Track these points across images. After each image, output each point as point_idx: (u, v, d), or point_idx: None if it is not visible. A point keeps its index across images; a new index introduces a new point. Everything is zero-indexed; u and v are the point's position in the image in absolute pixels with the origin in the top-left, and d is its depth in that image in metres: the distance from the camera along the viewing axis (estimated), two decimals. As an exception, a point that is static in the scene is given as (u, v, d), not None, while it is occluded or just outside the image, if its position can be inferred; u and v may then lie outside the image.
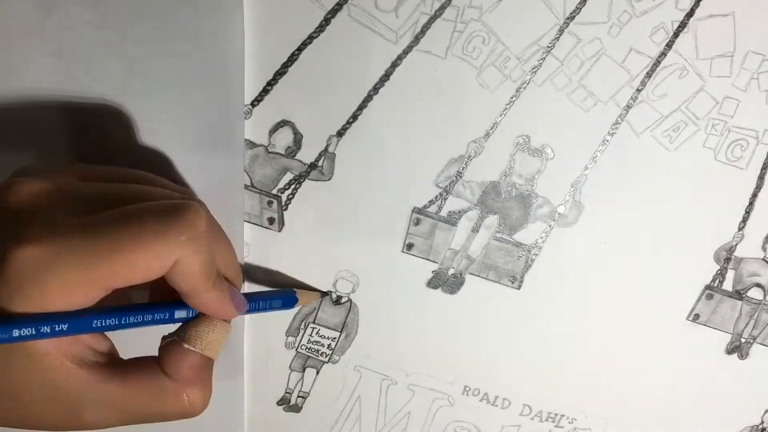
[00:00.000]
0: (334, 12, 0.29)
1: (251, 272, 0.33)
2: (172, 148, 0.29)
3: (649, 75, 0.30)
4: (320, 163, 0.31)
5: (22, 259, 0.20)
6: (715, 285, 0.32)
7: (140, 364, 0.24)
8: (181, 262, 0.22)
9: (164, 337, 0.25)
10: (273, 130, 0.31)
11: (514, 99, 0.30)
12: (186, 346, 0.24)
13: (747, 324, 0.33)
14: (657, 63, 0.30)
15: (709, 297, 0.32)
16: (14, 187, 0.22)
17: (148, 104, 0.29)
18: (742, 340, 0.33)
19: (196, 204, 0.23)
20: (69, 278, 0.21)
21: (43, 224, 0.21)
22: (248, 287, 0.33)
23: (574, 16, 0.29)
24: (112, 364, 0.23)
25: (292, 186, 0.32)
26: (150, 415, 0.24)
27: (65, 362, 0.22)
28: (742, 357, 0.33)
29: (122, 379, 0.23)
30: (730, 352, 0.33)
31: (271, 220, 0.32)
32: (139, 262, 0.21)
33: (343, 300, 0.34)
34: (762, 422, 0.35)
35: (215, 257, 0.23)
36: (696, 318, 0.33)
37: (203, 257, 0.22)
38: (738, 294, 0.33)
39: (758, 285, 0.33)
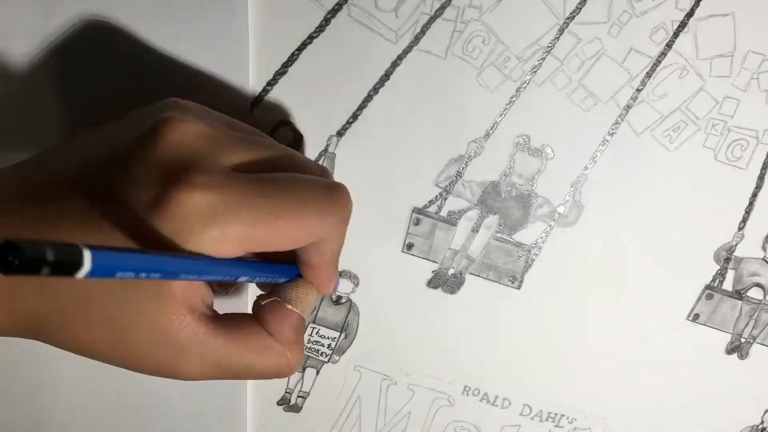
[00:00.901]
0: (334, 12, 0.29)
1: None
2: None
3: (649, 75, 0.30)
4: (320, 163, 0.31)
5: (192, 203, 0.20)
6: (715, 285, 0.32)
7: (242, 321, 0.24)
8: (326, 240, 0.23)
9: (261, 297, 0.25)
10: (273, 130, 0.31)
11: (514, 99, 0.30)
12: (289, 307, 0.25)
13: (747, 324, 0.33)
14: (657, 63, 0.30)
15: (709, 297, 0.32)
16: (177, 123, 0.22)
17: (147, 60, 0.29)
18: (742, 340, 0.33)
19: (345, 187, 0.24)
20: (229, 231, 0.21)
21: (213, 172, 0.21)
22: (252, 287, 0.33)
23: (574, 16, 0.29)
24: (217, 318, 0.23)
25: (292, 186, 0.32)
26: (250, 371, 0.24)
27: (183, 311, 0.22)
28: (742, 357, 0.33)
29: (228, 335, 0.23)
30: (730, 352, 0.33)
31: (271, 220, 0.32)
32: (294, 232, 0.22)
33: (343, 300, 0.34)
34: (762, 422, 0.35)
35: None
36: (696, 318, 0.33)
37: (341, 240, 0.24)
38: (738, 294, 0.33)
39: (758, 285, 0.33)
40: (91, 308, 0.21)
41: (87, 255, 0.15)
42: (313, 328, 0.34)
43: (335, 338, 0.34)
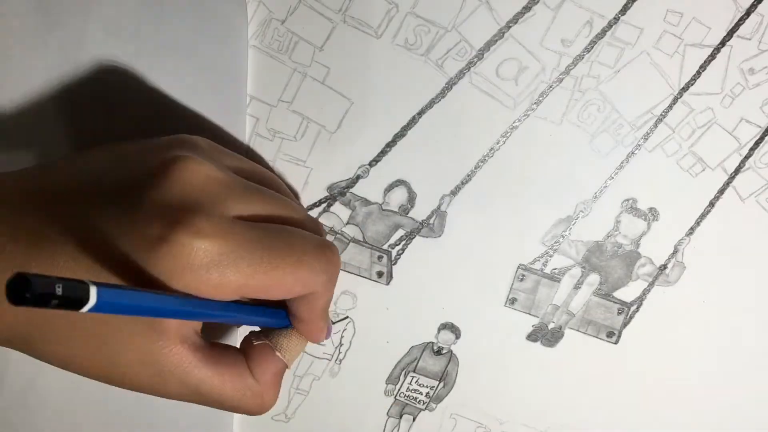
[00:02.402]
0: (457, 79, 0.30)
1: (358, 323, 0.34)
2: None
3: (757, 144, 0.31)
4: (431, 221, 0.32)
5: (195, 248, 0.21)
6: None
7: (230, 356, 0.25)
8: (315, 295, 0.24)
9: (251, 337, 0.26)
10: (388, 189, 0.32)
11: (624, 164, 0.31)
12: (278, 354, 0.26)
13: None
14: (766, 132, 0.31)
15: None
16: (190, 164, 0.22)
17: (149, 101, 0.29)
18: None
19: (336, 247, 0.25)
20: (228, 279, 0.22)
21: (219, 219, 0.22)
22: (357, 336, 0.34)
23: (689, 87, 0.30)
24: (206, 347, 0.24)
25: (403, 242, 0.33)
26: (224, 404, 0.25)
27: (177, 342, 0.23)
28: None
29: (212, 366, 0.24)
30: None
31: (380, 274, 0.33)
32: (290, 284, 0.23)
33: (444, 351, 0.34)
34: None
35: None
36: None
37: (331, 295, 0.25)
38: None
39: None
40: (80, 326, 0.22)
41: (93, 291, 0.16)
42: (413, 377, 0.35)
43: (434, 387, 0.35)
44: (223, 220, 0.22)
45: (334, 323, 0.34)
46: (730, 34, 0.29)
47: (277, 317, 0.26)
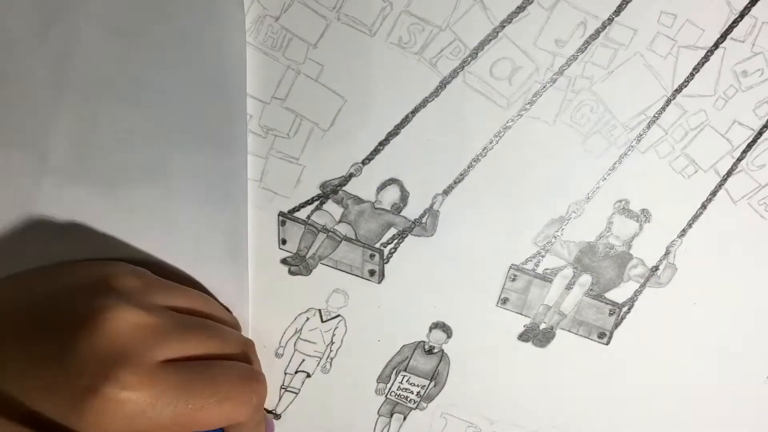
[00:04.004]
0: (450, 78, 0.30)
1: (349, 321, 0.34)
2: (174, 149, 0.30)
3: (750, 146, 0.31)
4: (424, 220, 0.32)
5: (123, 401, 0.22)
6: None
7: None
8: (244, 425, 0.25)
9: None
10: (381, 188, 0.32)
11: (616, 165, 0.31)
12: None
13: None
14: (759, 135, 0.31)
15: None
16: (115, 314, 0.23)
17: (147, 103, 0.29)
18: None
19: (261, 372, 0.27)
20: (154, 425, 0.22)
21: (145, 369, 0.23)
22: (348, 335, 0.34)
23: (682, 89, 0.30)
24: None
25: (395, 241, 0.33)
26: None
27: None
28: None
29: None
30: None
31: (371, 272, 0.33)
32: (212, 421, 0.24)
33: (435, 350, 0.34)
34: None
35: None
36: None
37: (259, 421, 0.26)
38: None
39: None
40: None
41: None
42: (404, 376, 0.35)
43: (425, 386, 0.35)
44: (149, 369, 0.23)
45: (326, 321, 0.34)
46: (724, 36, 0.29)
47: None
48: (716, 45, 0.30)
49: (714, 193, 0.31)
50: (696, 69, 0.30)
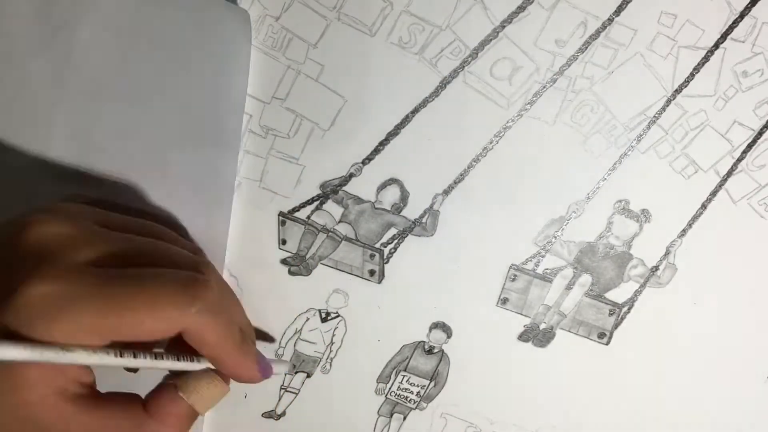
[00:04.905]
0: (451, 78, 0.30)
1: (349, 320, 0.34)
2: (166, 144, 0.30)
3: (750, 146, 0.31)
4: (424, 220, 0.32)
5: (34, 294, 0.21)
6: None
7: (121, 399, 0.25)
8: (192, 331, 0.23)
9: (165, 377, 0.26)
10: (381, 188, 0.32)
11: (617, 165, 0.31)
12: (180, 394, 0.25)
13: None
14: (759, 135, 0.31)
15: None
16: (36, 225, 0.23)
17: (145, 102, 0.29)
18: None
19: (207, 279, 0.24)
20: (76, 321, 0.22)
21: (59, 265, 0.22)
22: (348, 335, 0.34)
23: (682, 89, 0.30)
24: (94, 396, 0.24)
25: (395, 241, 0.32)
26: None
27: (49, 394, 0.22)
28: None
29: (101, 412, 0.24)
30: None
31: (372, 272, 0.33)
32: (146, 324, 0.22)
33: (435, 350, 0.34)
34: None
35: (231, 323, 0.25)
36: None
37: (215, 327, 0.24)
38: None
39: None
40: None
41: None
42: (404, 376, 0.35)
43: (425, 386, 0.35)
44: (69, 266, 0.22)
45: (326, 321, 0.34)
46: (724, 36, 0.29)
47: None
48: (716, 45, 0.30)
49: (714, 194, 0.31)
50: (696, 69, 0.30)
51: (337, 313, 0.34)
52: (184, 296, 0.23)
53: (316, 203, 0.32)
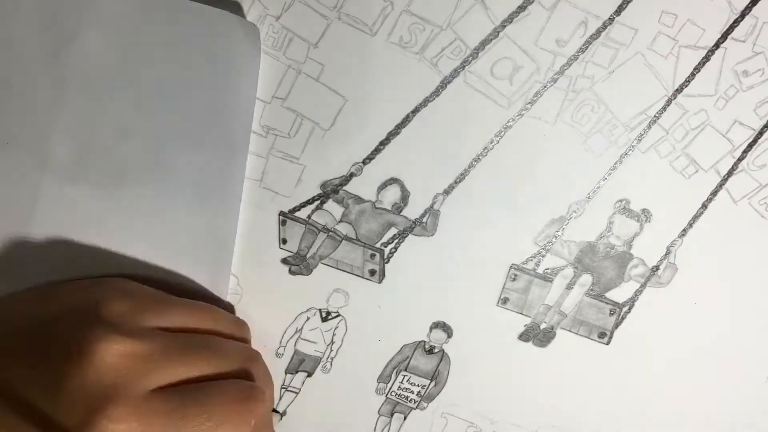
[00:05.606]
0: (451, 78, 0.30)
1: (351, 321, 0.34)
2: (175, 152, 0.30)
3: (750, 146, 0.31)
4: (425, 220, 0.32)
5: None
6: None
7: None
8: None
9: None
10: (381, 187, 0.32)
11: (617, 164, 0.31)
12: None
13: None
14: (759, 135, 0.31)
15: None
16: (102, 346, 0.23)
17: (146, 101, 0.29)
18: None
19: (262, 392, 0.26)
20: None
21: (131, 401, 0.23)
22: (349, 334, 0.34)
23: (683, 89, 0.30)
24: None
25: (396, 240, 0.32)
26: None
27: None
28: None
29: None
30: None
31: (372, 272, 0.33)
32: None
33: (436, 350, 0.34)
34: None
35: (271, 425, 0.27)
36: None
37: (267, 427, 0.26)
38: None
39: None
40: None
41: None
42: (405, 375, 0.35)
43: (425, 386, 0.35)
44: (138, 400, 0.23)
45: (327, 320, 0.34)
46: (725, 36, 0.29)
47: None
48: (717, 45, 0.30)
49: (715, 193, 0.31)
50: (697, 69, 0.30)
51: (337, 312, 0.34)
52: (245, 415, 0.25)
53: (316, 203, 0.32)
